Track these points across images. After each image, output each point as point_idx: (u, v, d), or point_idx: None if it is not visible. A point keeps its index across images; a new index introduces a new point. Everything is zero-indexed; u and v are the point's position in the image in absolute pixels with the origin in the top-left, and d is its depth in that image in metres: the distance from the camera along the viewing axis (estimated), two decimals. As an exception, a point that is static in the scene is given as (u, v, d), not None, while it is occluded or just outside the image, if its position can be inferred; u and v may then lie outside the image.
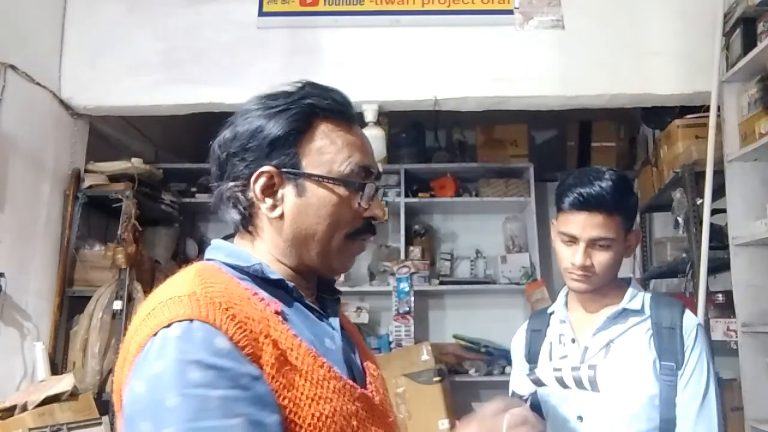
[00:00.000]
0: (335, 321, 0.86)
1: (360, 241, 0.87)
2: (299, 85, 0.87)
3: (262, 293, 0.78)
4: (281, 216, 0.82)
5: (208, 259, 0.84)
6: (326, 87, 0.87)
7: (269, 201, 0.82)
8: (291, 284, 0.82)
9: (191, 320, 0.69)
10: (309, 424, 0.71)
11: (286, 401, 0.70)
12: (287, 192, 0.82)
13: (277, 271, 0.83)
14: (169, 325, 0.69)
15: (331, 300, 0.90)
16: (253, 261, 0.81)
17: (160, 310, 0.71)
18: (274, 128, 0.82)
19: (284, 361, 0.72)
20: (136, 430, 0.66)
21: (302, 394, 0.71)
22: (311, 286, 0.88)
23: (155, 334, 0.69)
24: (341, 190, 0.82)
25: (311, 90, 0.86)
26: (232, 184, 0.84)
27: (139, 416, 0.66)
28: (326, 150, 0.83)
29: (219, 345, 0.68)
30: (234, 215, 0.85)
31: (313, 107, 0.83)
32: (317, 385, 0.73)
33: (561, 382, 1.35)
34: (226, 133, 0.86)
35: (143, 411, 0.66)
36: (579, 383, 1.32)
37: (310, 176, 0.82)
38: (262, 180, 0.82)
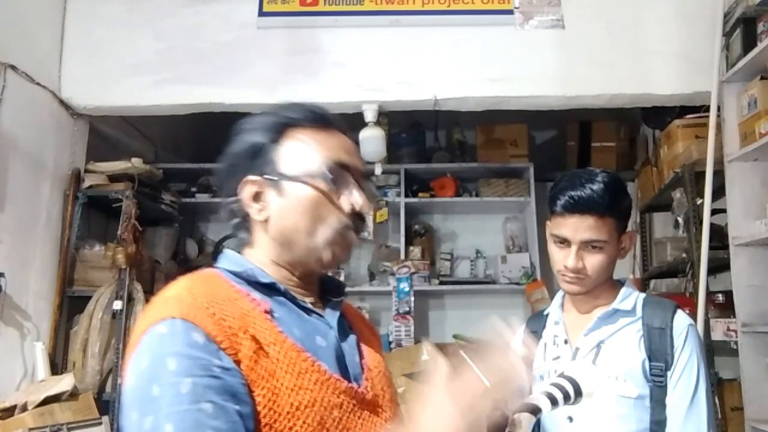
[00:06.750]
0: (333, 320, 0.93)
1: (349, 234, 0.92)
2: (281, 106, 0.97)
3: (255, 294, 0.87)
4: (268, 218, 0.91)
5: (216, 267, 0.93)
6: (305, 105, 0.96)
7: (256, 206, 0.91)
8: (283, 287, 0.90)
9: (174, 318, 0.77)
10: (287, 412, 0.78)
11: (265, 390, 0.77)
12: (271, 196, 0.91)
13: (273, 274, 0.91)
14: (156, 324, 0.77)
15: (335, 302, 0.97)
16: (247, 267, 0.90)
17: (151, 311, 0.81)
18: (253, 141, 0.92)
19: (263, 354, 0.79)
20: (128, 419, 0.75)
21: (282, 384, 0.79)
22: (311, 288, 0.96)
23: (145, 332, 0.78)
24: (319, 185, 0.89)
25: (289, 106, 0.95)
26: (230, 200, 0.94)
27: (130, 407, 0.75)
28: (300, 151, 0.91)
29: (195, 338, 0.75)
30: (236, 227, 0.96)
31: (287, 118, 0.93)
32: (298, 376, 0.80)
33: None
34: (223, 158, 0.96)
35: (133, 402, 0.75)
36: None
37: (287, 177, 0.90)
38: (247, 188, 0.91)
